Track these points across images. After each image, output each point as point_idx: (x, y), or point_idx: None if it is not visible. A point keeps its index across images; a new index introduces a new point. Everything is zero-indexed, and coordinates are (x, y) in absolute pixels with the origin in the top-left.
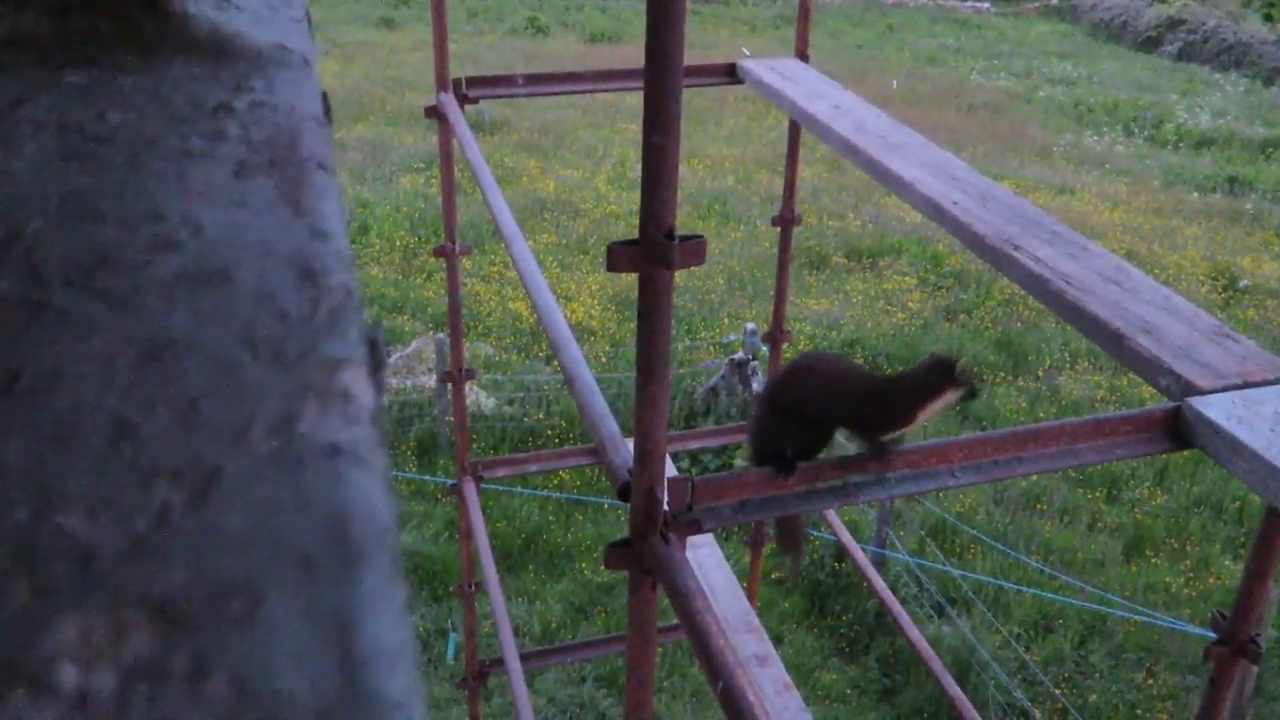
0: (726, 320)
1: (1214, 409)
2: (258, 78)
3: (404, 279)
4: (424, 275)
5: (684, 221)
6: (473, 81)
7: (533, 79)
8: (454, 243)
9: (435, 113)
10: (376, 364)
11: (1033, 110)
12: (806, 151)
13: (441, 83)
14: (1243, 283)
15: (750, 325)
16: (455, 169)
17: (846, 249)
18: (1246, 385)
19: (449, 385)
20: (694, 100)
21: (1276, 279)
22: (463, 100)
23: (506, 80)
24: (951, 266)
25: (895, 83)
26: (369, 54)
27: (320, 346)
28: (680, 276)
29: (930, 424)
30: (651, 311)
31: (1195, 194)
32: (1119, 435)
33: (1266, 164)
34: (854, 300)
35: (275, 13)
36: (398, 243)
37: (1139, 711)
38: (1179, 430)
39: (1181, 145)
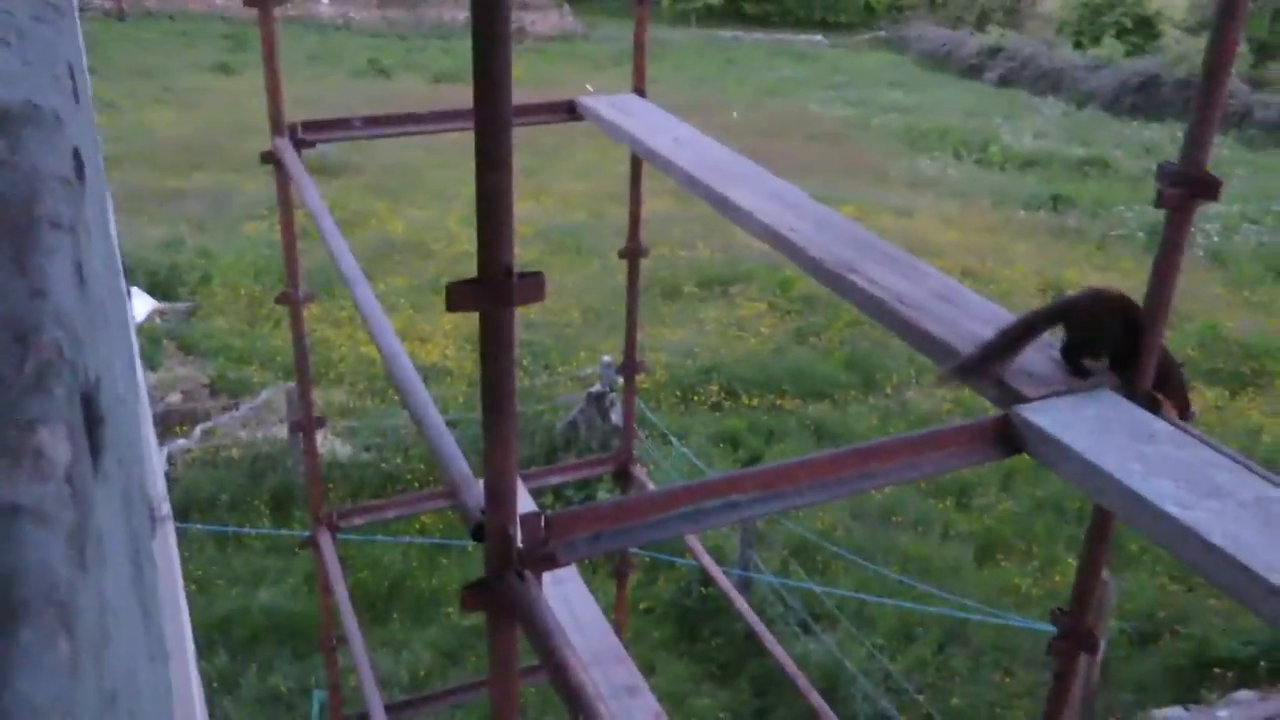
0: (583, 354)
1: (1039, 415)
2: (1, 138)
3: (250, 328)
4: (272, 324)
5: (537, 258)
6: (309, 125)
7: (371, 121)
8: (297, 289)
9: (272, 158)
10: (93, 419)
11: (869, 137)
12: (656, 183)
13: (277, 127)
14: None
15: (607, 357)
16: (297, 214)
17: (698, 278)
18: (1068, 391)
19: (301, 434)
20: (542, 137)
21: None
22: (299, 144)
23: (344, 123)
24: (800, 291)
25: (736, 114)
26: (207, 100)
27: (19, 405)
28: (535, 311)
29: (783, 445)
30: (494, 350)
31: (1023, 212)
32: (954, 446)
33: (1085, 181)
34: (708, 328)
35: (30, 69)
36: (242, 292)
37: (998, 710)
38: (1009, 437)
39: (1008, 166)
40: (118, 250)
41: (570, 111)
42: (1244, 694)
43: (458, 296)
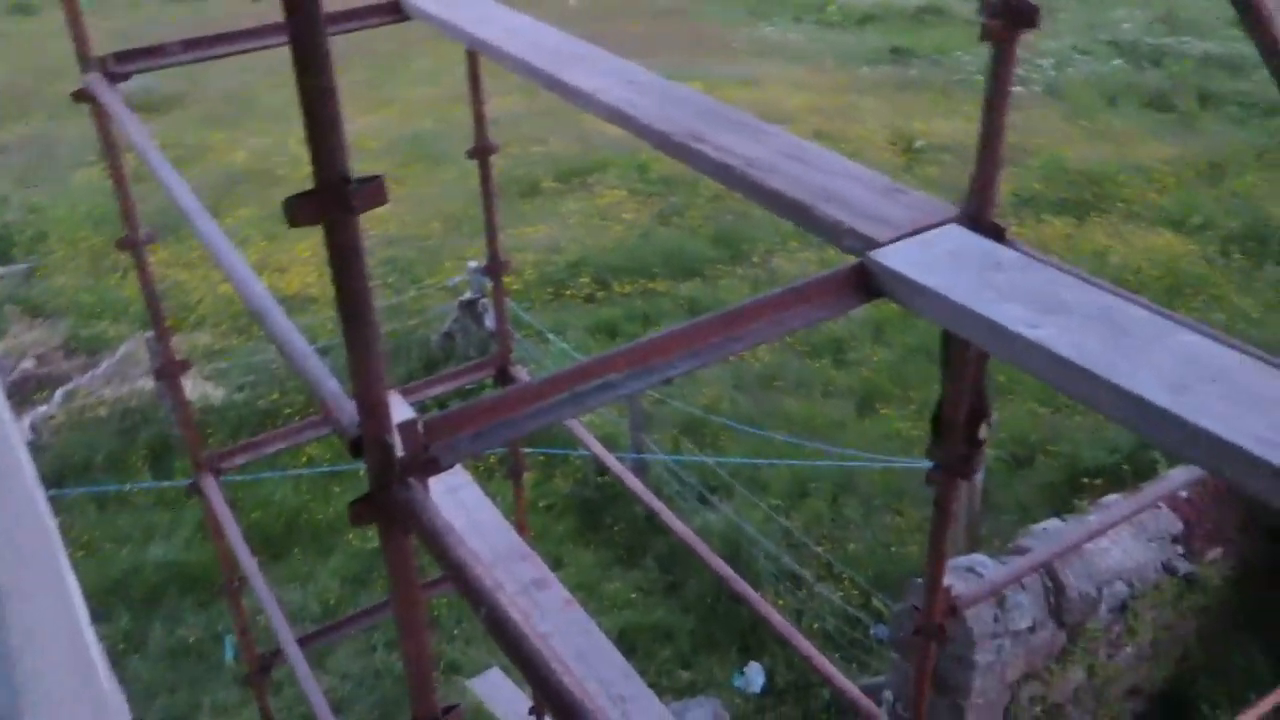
0: (450, 264)
1: (893, 258)
2: None
3: (97, 282)
4: (120, 274)
5: (389, 170)
6: (121, 56)
7: (190, 44)
8: (137, 232)
9: (85, 96)
10: None
11: (710, 9)
12: (503, 81)
13: (85, 63)
14: (919, 143)
15: (473, 263)
16: (130, 155)
17: (555, 172)
18: (917, 231)
19: (166, 382)
20: (378, 44)
21: (946, 135)
22: (113, 78)
23: (158, 50)
24: (659, 173)
25: (573, 0)
26: (9, 45)
27: None
28: (395, 225)
29: (661, 328)
30: (343, 260)
31: (866, 68)
32: (815, 298)
33: (924, 30)
34: (571, 221)
35: None
36: (82, 245)
37: (893, 549)
38: (865, 283)
39: (847, 24)
40: None
41: (395, 11)
42: (1112, 497)
43: (297, 210)
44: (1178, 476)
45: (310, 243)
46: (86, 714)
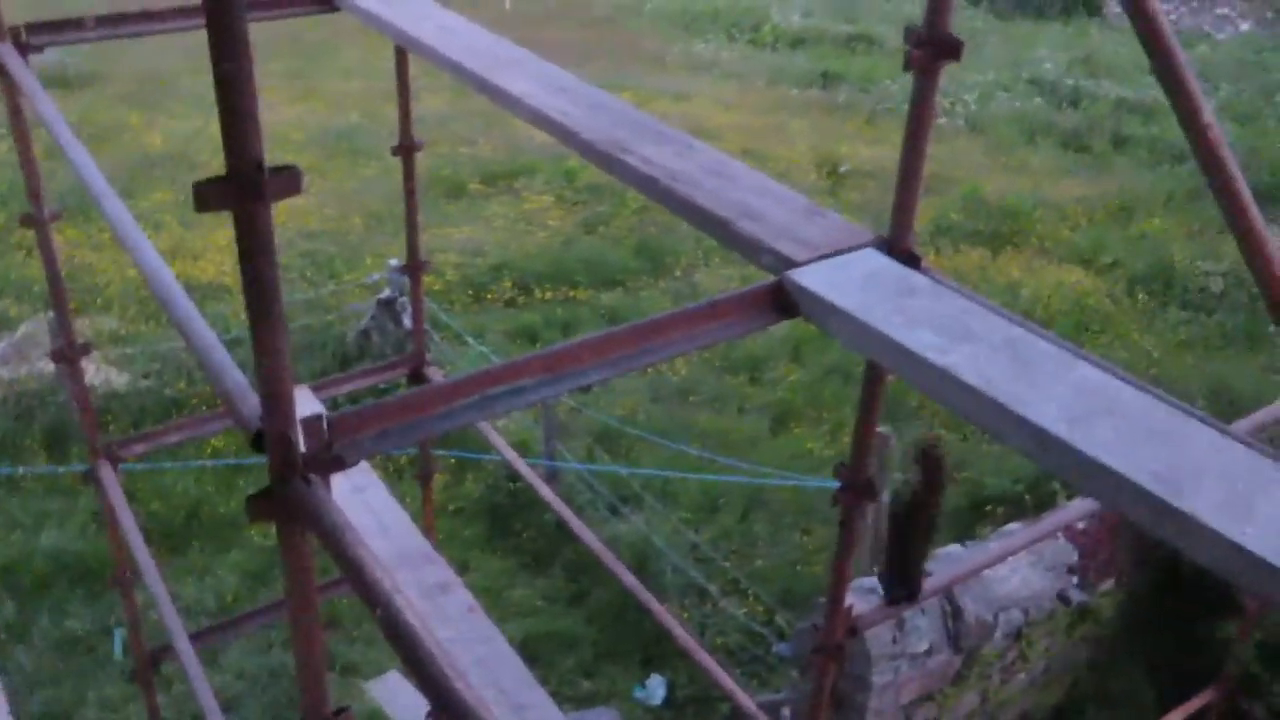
0: (370, 260)
1: (809, 278)
2: None
3: (0, 259)
4: (24, 252)
5: (312, 163)
6: (34, 27)
7: (105, 20)
8: (41, 209)
9: None
10: None
11: (644, 22)
12: (431, 79)
13: None
14: (844, 167)
15: (393, 261)
16: (33, 129)
17: (482, 174)
18: (836, 254)
19: (65, 365)
20: (306, 34)
21: (870, 161)
22: (25, 49)
23: (76, 24)
24: (586, 181)
25: (509, 3)
26: None
27: None
28: (315, 219)
29: (580, 336)
30: (253, 250)
31: (795, 90)
32: (731, 314)
33: (853, 57)
34: (495, 224)
35: None
36: None
37: (799, 568)
38: (782, 301)
39: (779, 46)
40: None
41: (325, 1)
42: (1013, 526)
43: (207, 196)
44: (1076, 507)
45: (226, 231)
46: None
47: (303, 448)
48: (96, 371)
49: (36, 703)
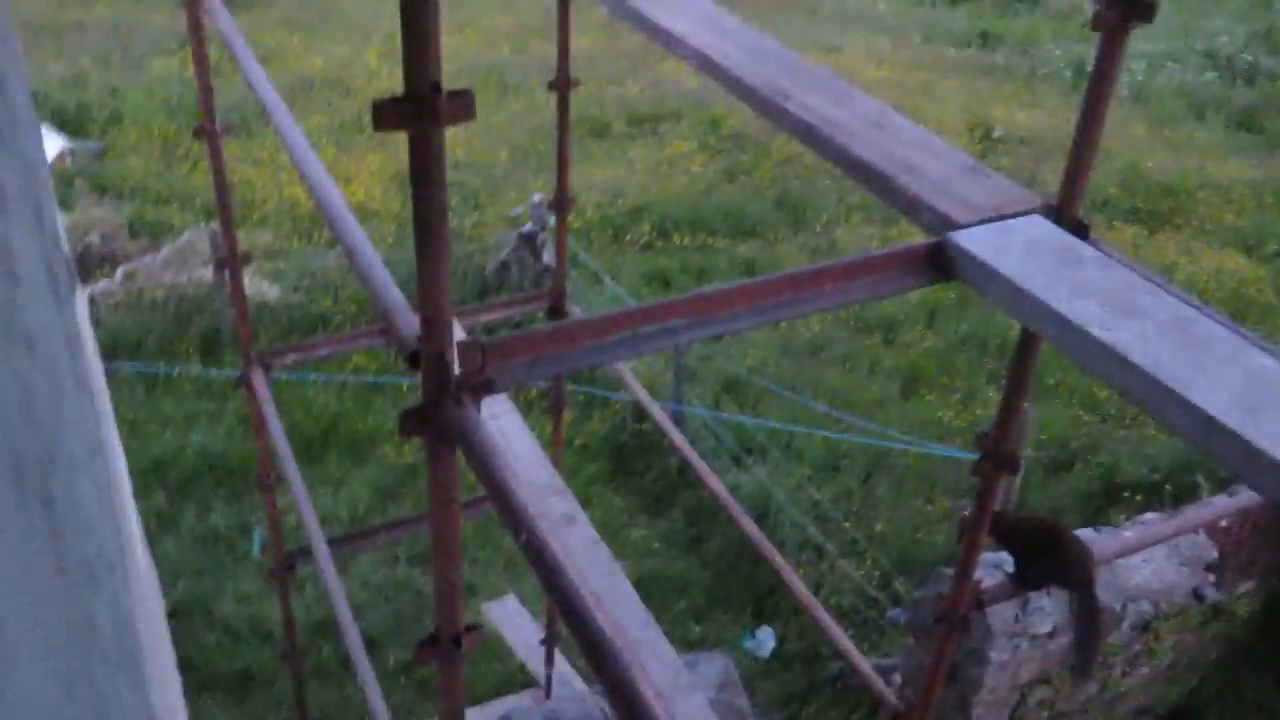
0: (513, 194)
1: (971, 241)
2: None
3: (167, 169)
4: (189, 164)
5: None
6: None
7: None
8: (214, 121)
9: None
10: None
11: None
12: (581, 17)
13: None
14: (997, 132)
15: (537, 196)
16: (211, 48)
17: (627, 115)
18: (1000, 217)
19: (226, 274)
20: None
21: (1025, 126)
22: None
23: None
24: (730, 129)
25: None
26: None
27: None
28: (462, 150)
29: (713, 284)
30: (424, 171)
31: (952, 49)
32: (886, 271)
33: (1014, 18)
34: (637, 167)
35: None
36: (156, 131)
37: (919, 535)
38: (940, 263)
39: (937, 2)
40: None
41: None
42: (1150, 516)
43: (385, 115)
44: (1220, 504)
45: (378, 156)
46: (121, 580)
47: (456, 370)
48: (250, 283)
49: (180, 590)
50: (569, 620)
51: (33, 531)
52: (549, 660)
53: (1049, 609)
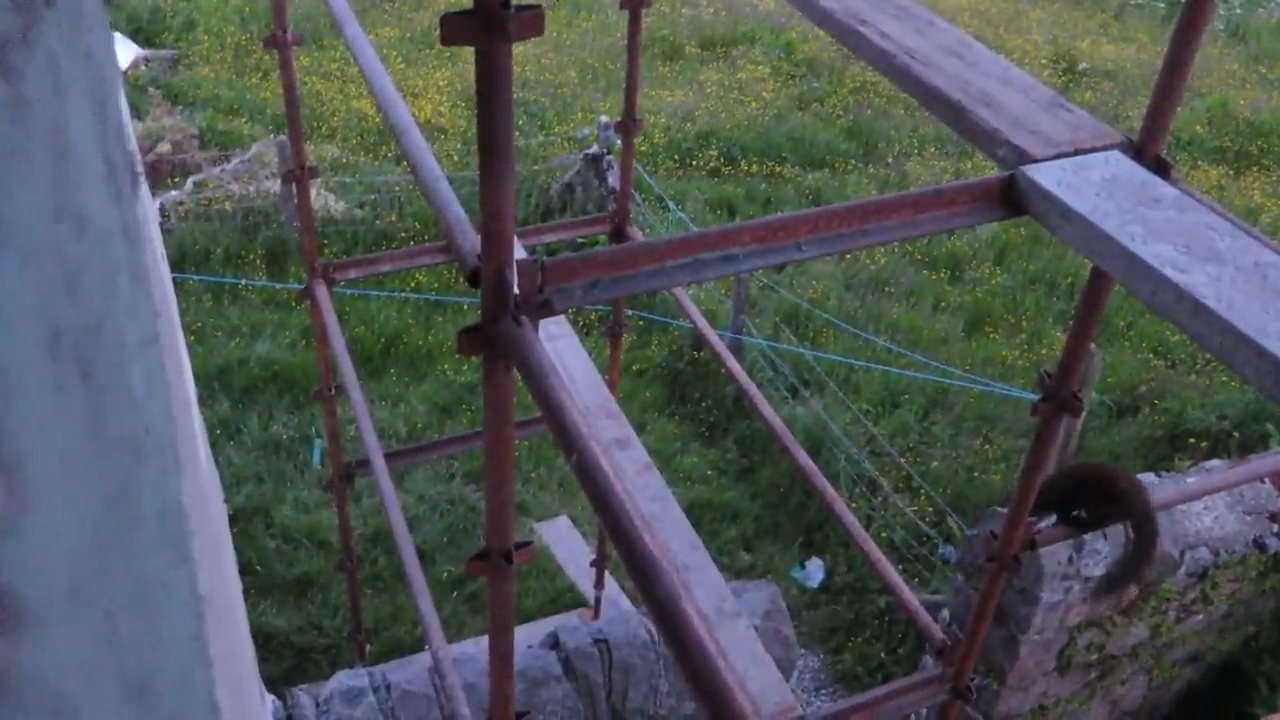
0: (580, 114)
1: (1045, 176)
2: None
3: (238, 79)
4: (259, 75)
5: None
6: None
7: None
8: (285, 31)
9: None
10: None
11: None
12: None
13: None
14: (1082, 65)
15: (604, 118)
16: None
17: (700, 38)
18: (1077, 153)
19: (294, 187)
20: None
21: (1113, 61)
22: None
23: None
24: (804, 55)
25: None
26: None
27: None
28: (531, 69)
29: (780, 213)
30: (490, 87)
31: None
32: (957, 204)
33: None
34: (708, 91)
35: None
36: (228, 39)
37: (976, 474)
38: (1013, 198)
39: None
40: None
41: None
42: (1214, 463)
43: (453, 29)
44: None
45: (447, 72)
46: (171, 464)
47: (515, 289)
48: (316, 196)
49: (241, 496)
50: (617, 541)
51: (64, 394)
52: (599, 582)
53: (1103, 551)
